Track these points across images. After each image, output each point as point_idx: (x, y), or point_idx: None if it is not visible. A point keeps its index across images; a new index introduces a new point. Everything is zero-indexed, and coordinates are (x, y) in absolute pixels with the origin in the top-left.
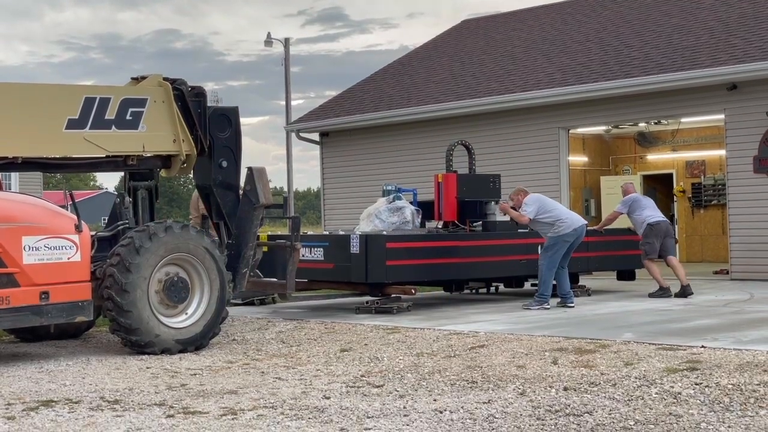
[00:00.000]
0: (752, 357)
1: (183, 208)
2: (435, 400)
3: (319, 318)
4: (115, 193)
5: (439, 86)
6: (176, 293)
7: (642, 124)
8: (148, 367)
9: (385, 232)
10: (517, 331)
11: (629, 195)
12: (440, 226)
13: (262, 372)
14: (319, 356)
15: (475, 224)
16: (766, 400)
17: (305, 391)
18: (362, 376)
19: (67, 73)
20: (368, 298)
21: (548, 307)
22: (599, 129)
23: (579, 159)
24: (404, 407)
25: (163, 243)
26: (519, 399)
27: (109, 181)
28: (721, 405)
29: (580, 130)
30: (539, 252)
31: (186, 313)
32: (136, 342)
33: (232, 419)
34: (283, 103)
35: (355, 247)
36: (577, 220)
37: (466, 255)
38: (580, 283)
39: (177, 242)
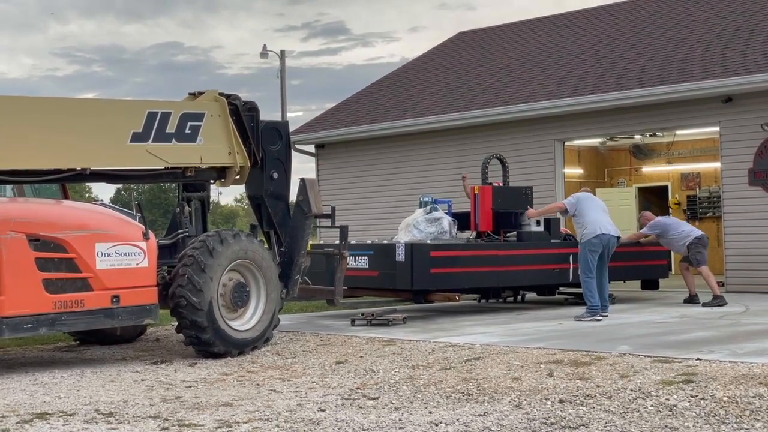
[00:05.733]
0: (748, 369)
1: None
2: (430, 413)
3: (314, 330)
4: (111, 205)
5: (434, 98)
6: (240, 297)
7: (637, 137)
8: (143, 380)
9: (429, 241)
10: (512, 344)
11: (655, 219)
12: (473, 237)
13: (258, 384)
14: (314, 368)
15: (509, 234)
16: (762, 413)
17: (300, 403)
18: (358, 388)
19: (70, 86)
20: (364, 310)
21: (600, 319)
22: (595, 141)
23: (574, 171)
24: (400, 420)
25: (231, 248)
26: (515, 411)
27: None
28: (716, 417)
29: (576, 142)
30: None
31: (244, 317)
32: (206, 341)
33: None
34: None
35: (400, 256)
36: (602, 227)
37: (506, 264)
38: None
39: (243, 248)
